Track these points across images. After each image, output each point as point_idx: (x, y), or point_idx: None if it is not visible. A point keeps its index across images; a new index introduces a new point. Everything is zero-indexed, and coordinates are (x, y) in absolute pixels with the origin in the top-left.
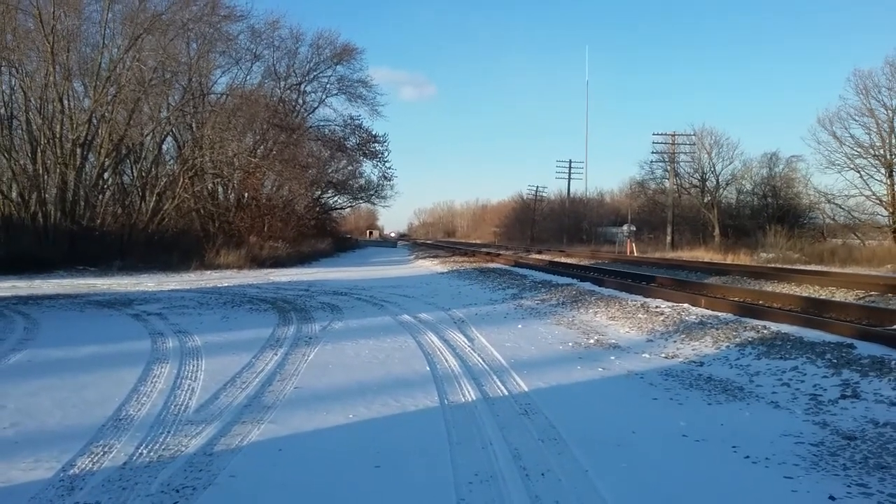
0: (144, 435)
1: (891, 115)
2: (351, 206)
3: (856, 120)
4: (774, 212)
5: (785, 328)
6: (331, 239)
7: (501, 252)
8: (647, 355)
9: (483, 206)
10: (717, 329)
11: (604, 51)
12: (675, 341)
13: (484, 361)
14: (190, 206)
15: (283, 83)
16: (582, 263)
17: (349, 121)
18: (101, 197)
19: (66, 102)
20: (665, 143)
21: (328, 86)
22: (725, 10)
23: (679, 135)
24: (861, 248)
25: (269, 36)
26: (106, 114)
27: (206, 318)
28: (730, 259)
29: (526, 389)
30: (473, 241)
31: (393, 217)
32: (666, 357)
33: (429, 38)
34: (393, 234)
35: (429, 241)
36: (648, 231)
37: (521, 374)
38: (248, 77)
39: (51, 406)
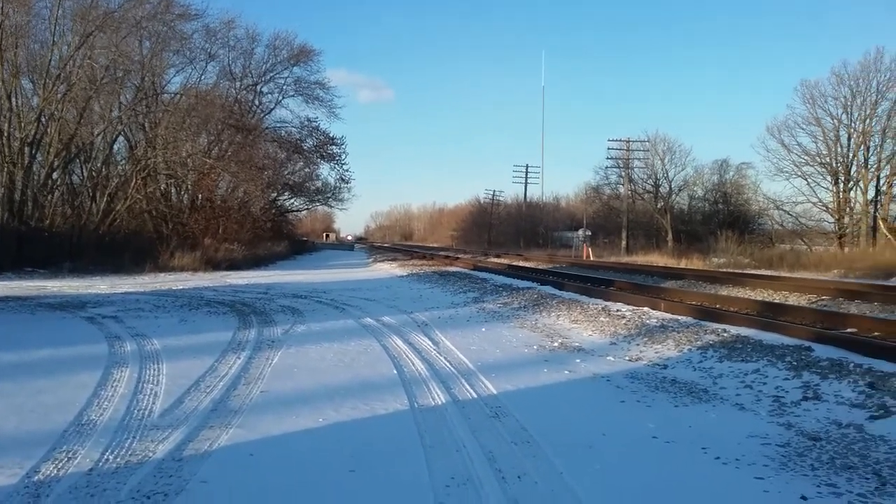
0: (109, 440)
1: (836, 123)
2: (307, 209)
3: (803, 129)
4: (725, 217)
5: (744, 331)
6: (287, 241)
7: (460, 256)
8: (612, 358)
9: (440, 210)
10: (679, 332)
11: (560, 57)
12: (637, 344)
13: (451, 364)
14: (142, 208)
15: (238, 83)
16: (540, 267)
17: (306, 122)
18: (50, 197)
19: (13, 100)
20: (620, 150)
21: (285, 87)
22: (680, 18)
23: (633, 141)
24: (808, 254)
25: (225, 35)
26: (55, 112)
27: (163, 322)
28: (683, 263)
29: (494, 392)
30: (431, 245)
31: (349, 220)
32: (630, 360)
33: (387, 43)
34: (350, 237)
35: (386, 245)
36: (604, 236)
37: (488, 377)
38: (203, 77)
39: (6, 411)
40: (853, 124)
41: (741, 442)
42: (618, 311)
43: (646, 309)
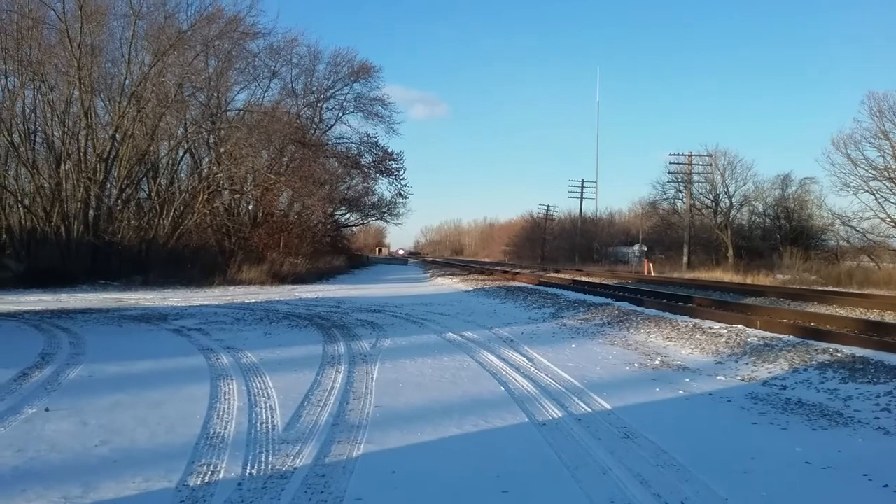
0: (245, 455)
1: None
2: (363, 224)
3: (870, 142)
4: (787, 233)
5: (859, 351)
6: (344, 256)
7: (518, 271)
8: (723, 378)
9: (491, 225)
10: (788, 351)
11: (616, 73)
12: (746, 363)
13: (555, 382)
14: (206, 223)
15: (300, 100)
16: (606, 283)
17: (365, 138)
18: (123, 212)
19: (90, 117)
20: (681, 164)
21: (345, 103)
22: (740, 34)
23: (695, 155)
24: (877, 271)
25: (288, 53)
26: (129, 129)
27: (248, 335)
28: (750, 280)
29: (613, 411)
30: (482, 260)
31: (400, 235)
32: (743, 380)
33: (443, 59)
34: (402, 252)
35: (438, 260)
36: (660, 251)
37: (600, 396)
38: (266, 94)
39: (133, 423)
40: None
41: None
42: (710, 328)
43: (740, 326)
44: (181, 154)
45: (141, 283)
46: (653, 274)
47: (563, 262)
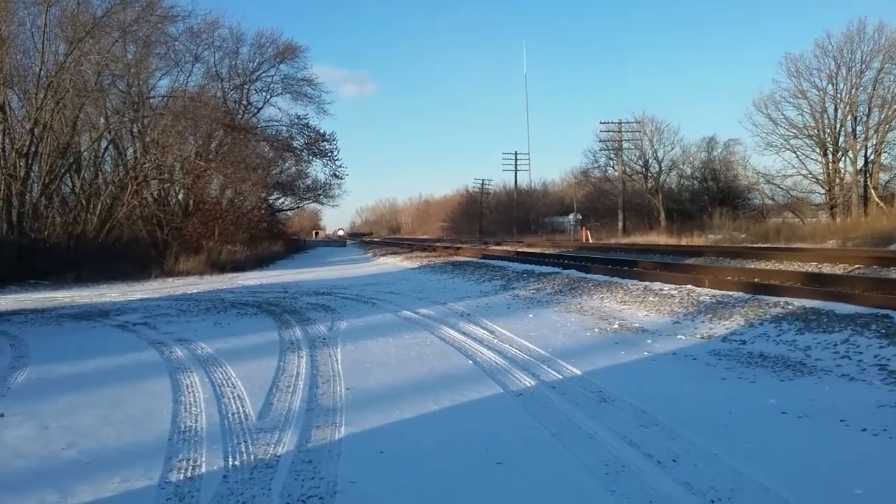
0: (223, 446)
1: (822, 95)
2: (298, 207)
3: (789, 102)
4: (715, 194)
5: (808, 303)
6: (282, 241)
7: (460, 245)
8: (683, 337)
9: (427, 202)
10: (741, 307)
11: (542, 45)
12: (703, 321)
13: (521, 352)
14: (137, 214)
15: (225, 84)
16: (548, 252)
17: (295, 120)
18: (48, 208)
19: (6, 112)
20: (611, 132)
21: (272, 85)
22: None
23: (625, 122)
24: (802, 226)
25: (210, 36)
26: (48, 122)
27: (197, 326)
28: (684, 241)
29: (584, 377)
30: (421, 237)
31: (335, 216)
32: (703, 337)
33: (369, 36)
34: (342, 233)
35: (377, 239)
36: (595, 218)
37: (568, 362)
38: (190, 79)
39: (96, 423)
40: (839, 95)
41: (875, 412)
42: (661, 289)
43: (689, 286)
44: (105, 145)
45: (73, 281)
46: (591, 241)
47: (502, 234)
